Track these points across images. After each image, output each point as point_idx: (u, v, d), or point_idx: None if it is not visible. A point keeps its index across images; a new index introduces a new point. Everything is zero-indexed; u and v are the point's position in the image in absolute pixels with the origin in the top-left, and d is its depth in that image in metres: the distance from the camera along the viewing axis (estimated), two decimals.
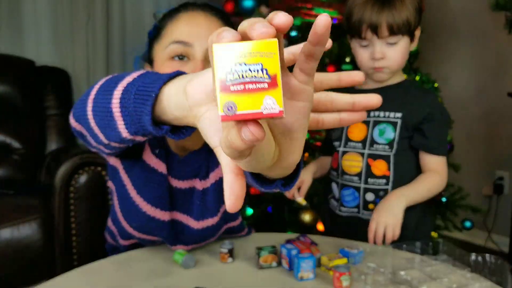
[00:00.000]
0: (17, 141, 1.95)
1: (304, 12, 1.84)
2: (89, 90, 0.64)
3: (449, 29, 2.71)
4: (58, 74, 2.22)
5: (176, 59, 0.83)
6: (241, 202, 0.38)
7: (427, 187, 1.09)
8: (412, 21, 1.05)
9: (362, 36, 1.07)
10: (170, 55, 0.83)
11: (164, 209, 0.90)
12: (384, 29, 1.04)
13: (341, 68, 1.85)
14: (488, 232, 2.61)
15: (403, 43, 1.07)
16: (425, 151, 1.10)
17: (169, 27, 0.85)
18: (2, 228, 1.51)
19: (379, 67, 1.09)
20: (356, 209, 1.13)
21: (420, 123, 1.09)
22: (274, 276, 0.86)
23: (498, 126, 2.58)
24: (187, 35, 0.82)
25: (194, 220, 0.94)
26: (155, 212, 0.90)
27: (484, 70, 2.61)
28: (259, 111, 0.31)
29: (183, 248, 0.95)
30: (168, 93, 0.46)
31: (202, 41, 0.82)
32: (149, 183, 0.89)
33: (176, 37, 0.82)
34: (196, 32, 0.82)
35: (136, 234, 0.94)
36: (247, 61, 0.30)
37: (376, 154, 1.10)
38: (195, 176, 0.94)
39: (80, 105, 0.66)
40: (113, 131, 0.57)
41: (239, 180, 0.39)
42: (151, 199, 0.90)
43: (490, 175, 2.63)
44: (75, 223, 1.64)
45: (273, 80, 0.31)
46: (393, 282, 0.81)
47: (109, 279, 0.85)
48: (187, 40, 0.82)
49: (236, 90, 0.31)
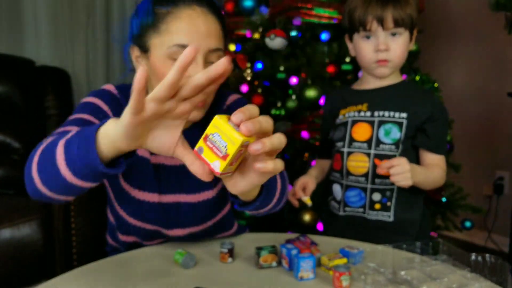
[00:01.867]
0: (17, 141, 1.95)
1: (304, 12, 1.84)
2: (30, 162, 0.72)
3: (449, 29, 2.71)
4: (58, 74, 2.22)
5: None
6: (210, 173, 0.55)
7: (432, 175, 1.10)
8: (414, 17, 1.08)
9: (367, 28, 1.08)
10: (172, 56, 0.84)
11: (152, 190, 0.93)
12: (389, 20, 1.06)
13: (341, 68, 1.85)
14: (488, 232, 2.61)
15: (405, 37, 1.10)
16: (427, 150, 1.11)
17: (169, 23, 0.84)
18: (2, 228, 1.51)
19: (382, 60, 1.09)
20: (362, 209, 1.13)
21: (423, 123, 1.10)
22: (274, 276, 0.86)
23: (498, 126, 2.58)
24: (189, 38, 0.84)
25: (190, 195, 0.96)
26: (143, 195, 0.94)
27: (484, 70, 2.62)
28: (210, 163, 0.54)
29: (180, 231, 0.96)
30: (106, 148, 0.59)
31: (202, 44, 0.84)
32: (132, 168, 0.92)
33: (178, 40, 0.84)
34: (197, 35, 0.84)
35: (132, 221, 0.97)
36: (223, 137, 0.52)
37: (383, 154, 1.10)
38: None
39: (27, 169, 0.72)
40: (55, 180, 0.66)
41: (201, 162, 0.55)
42: (137, 182, 0.94)
43: (490, 175, 2.64)
44: (75, 223, 1.64)
45: (225, 156, 0.52)
46: (393, 282, 0.80)
47: (109, 279, 0.85)
48: (190, 44, 0.81)
49: (208, 145, 0.54)
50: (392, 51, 1.09)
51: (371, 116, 1.13)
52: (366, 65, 1.13)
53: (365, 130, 1.13)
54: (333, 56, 1.82)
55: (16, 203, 1.62)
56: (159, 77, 0.85)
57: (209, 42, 0.85)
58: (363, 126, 1.13)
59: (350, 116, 1.17)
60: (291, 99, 1.82)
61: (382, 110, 1.12)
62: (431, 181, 1.10)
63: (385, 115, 1.12)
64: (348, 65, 1.84)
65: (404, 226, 1.12)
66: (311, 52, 1.84)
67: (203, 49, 0.84)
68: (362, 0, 1.09)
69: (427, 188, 1.12)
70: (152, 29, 0.86)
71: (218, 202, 1.01)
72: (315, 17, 1.83)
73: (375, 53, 1.09)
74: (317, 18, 1.83)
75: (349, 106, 1.18)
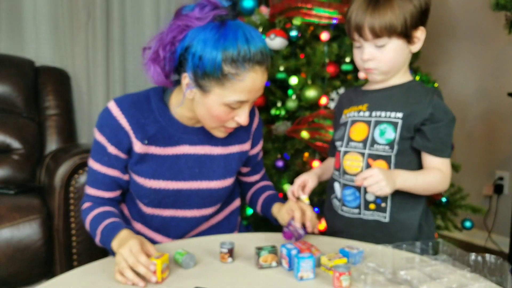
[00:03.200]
0: (17, 141, 1.95)
1: (304, 12, 1.84)
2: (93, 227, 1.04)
3: (449, 29, 2.71)
4: (58, 74, 2.22)
5: (232, 107, 0.99)
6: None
7: (426, 180, 1.08)
8: (398, 23, 1.04)
9: (352, 38, 1.11)
10: (230, 106, 0.98)
11: (165, 178, 1.06)
12: (366, 32, 1.05)
13: (341, 68, 1.85)
14: (488, 232, 2.61)
15: (393, 45, 1.07)
16: (428, 153, 1.09)
17: (235, 83, 0.95)
18: (2, 228, 1.51)
19: (368, 68, 1.10)
20: (358, 209, 1.13)
21: (421, 124, 1.08)
22: (274, 276, 0.86)
23: (498, 126, 2.58)
24: (247, 95, 0.98)
25: (216, 181, 1.12)
26: (158, 183, 1.07)
27: (484, 70, 2.62)
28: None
29: (196, 212, 1.13)
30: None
31: (255, 96, 1.00)
32: (144, 163, 1.06)
33: (239, 98, 0.97)
34: (254, 92, 0.99)
35: (149, 211, 1.12)
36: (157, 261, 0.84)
37: (376, 154, 1.10)
38: (209, 143, 1.11)
39: (83, 223, 1.09)
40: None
41: None
42: (150, 174, 1.06)
43: (490, 175, 2.64)
44: (75, 223, 1.64)
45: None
46: (393, 282, 0.81)
47: (109, 279, 0.85)
48: (247, 99, 0.98)
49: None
50: (378, 60, 1.08)
51: (369, 116, 1.13)
52: (360, 70, 1.15)
53: (362, 130, 1.13)
54: (333, 56, 1.82)
55: (16, 203, 1.62)
56: (211, 113, 0.99)
57: (260, 92, 1.01)
58: (360, 126, 1.13)
59: (350, 116, 1.17)
60: (291, 99, 1.82)
61: (379, 110, 1.12)
62: (425, 186, 1.09)
63: (381, 115, 1.11)
64: (348, 65, 1.84)
65: (402, 227, 1.12)
66: (311, 52, 1.84)
67: (253, 99, 1.00)
68: (351, 6, 1.10)
69: (423, 193, 1.11)
70: (216, 81, 0.95)
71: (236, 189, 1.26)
72: (315, 17, 1.83)
73: (363, 62, 1.11)
74: (317, 18, 1.83)
75: (351, 106, 1.18)
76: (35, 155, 2.00)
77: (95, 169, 1.08)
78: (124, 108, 1.03)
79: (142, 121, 1.04)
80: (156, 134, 1.05)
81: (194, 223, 1.16)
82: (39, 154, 2.03)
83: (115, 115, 1.03)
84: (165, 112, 1.07)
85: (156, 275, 0.83)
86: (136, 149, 1.04)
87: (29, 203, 1.63)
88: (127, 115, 1.03)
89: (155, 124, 1.05)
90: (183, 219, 1.13)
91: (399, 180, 1.04)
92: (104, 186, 1.08)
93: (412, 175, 1.07)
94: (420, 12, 1.07)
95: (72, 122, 2.19)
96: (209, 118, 1.01)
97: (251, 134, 1.19)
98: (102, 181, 1.08)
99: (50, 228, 1.60)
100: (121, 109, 1.03)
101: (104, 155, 1.05)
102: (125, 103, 1.04)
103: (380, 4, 1.04)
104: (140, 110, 1.04)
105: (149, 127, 1.04)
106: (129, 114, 1.03)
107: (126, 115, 1.03)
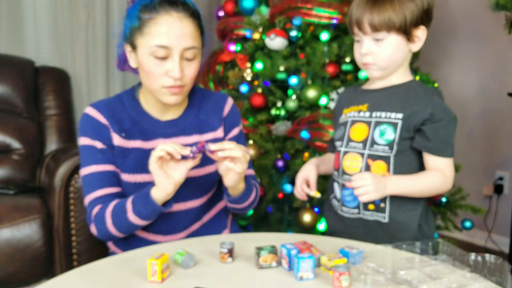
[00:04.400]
0: (17, 141, 1.95)
1: (304, 12, 1.84)
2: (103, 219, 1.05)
3: (449, 29, 2.71)
4: (58, 74, 2.22)
5: (158, 57, 1.03)
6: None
7: (423, 183, 1.08)
8: (398, 19, 1.05)
9: (352, 32, 1.12)
10: (153, 54, 1.02)
11: (148, 172, 1.02)
12: (365, 25, 1.07)
13: (341, 68, 1.85)
14: (488, 232, 2.61)
15: (392, 41, 1.07)
16: (428, 153, 1.09)
17: (151, 27, 1.02)
18: (2, 228, 1.51)
19: (366, 63, 1.11)
20: (357, 209, 1.13)
21: (421, 124, 1.08)
22: (274, 276, 0.86)
23: (498, 126, 2.58)
24: (166, 39, 1.01)
25: (197, 169, 1.11)
26: (142, 177, 1.09)
27: (484, 70, 2.62)
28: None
29: (182, 204, 1.13)
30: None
31: (178, 43, 1.02)
32: (126, 158, 1.09)
33: (158, 41, 1.01)
34: (173, 36, 1.02)
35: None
36: None
37: (376, 154, 1.10)
38: (183, 133, 1.14)
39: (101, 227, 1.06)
40: (130, 228, 1.06)
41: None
42: (132, 169, 1.09)
43: (490, 175, 2.64)
44: (75, 223, 1.64)
45: None
46: (393, 282, 0.81)
47: (109, 279, 0.85)
48: (167, 44, 1.01)
49: None
50: (376, 54, 1.09)
51: (369, 117, 1.13)
52: (359, 66, 1.16)
53: (362, 130, 1.13)
54: (333, 56, 1.82)
55: (16, 203, 1.62)
56: (144, 70, 1.05)
57: (183, 41, 1.02)
58: (361, 126, 1.13)
59: (350, 116, 1.17)
60: (291, 99, 1.82)
61: (379, 110, 1.12)
62: (424, 190, 1.09)
63: (381, 116, 1.11)
64: (348, 65, 1.84)
65: (401, 227, 1.12)
66: (311, 52, 1.84)
67: (178, 48, 1.02)
68: (352, 5, 1.11)
69: (422, 196, 1.11)
70: (138, 31, 1.04)
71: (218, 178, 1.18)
72: (315, 17, 1.83)
73: (361, 56, 1.11)
74: (317, 18, 1.83)
75: (351, 106, 1.18)
76: (35, 155, 2.00)
77: (92, 172, 1.08)
78: (100, 107, 1.11)
79: (118, 116, 1.11)
80: (132, 128, 1.11)
81: (185, 219, 1.15)
82: (39, 154, 2.03)
83: (92, 115, 1.10)
84: (137, 107, 1.13)
85: (156, 275, 0.83)
86: (116, 142, 1.09)
87: (29, 203, 1.64)
88: (103, 112, 1.10)
89: (129, 119, 1.12)
90: (172, 214, 1.13)
91: (391, 186, 1.05)
92: (107, 182, 1.08)
93: (409, 179, 1.07)
94: (421, 11, 1.07)
95: (72, 122, 2.19)
96: (147, 79, 1.06)
97: (222, 120, 1.20)
98: (103, 178, 1.08)
99: (50, 228, 1.60)
100: (97, 109, 1.10)
101: (96, 154, 1.08)
102: (100, 104, 1.12)
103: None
104: (114, 108, 1.12)
105: (124, 122, 1.11)
106: (105, 111, 1.10)
107: (102, 113, 1.10)
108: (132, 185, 1.09)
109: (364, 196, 1.01)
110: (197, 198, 1.16)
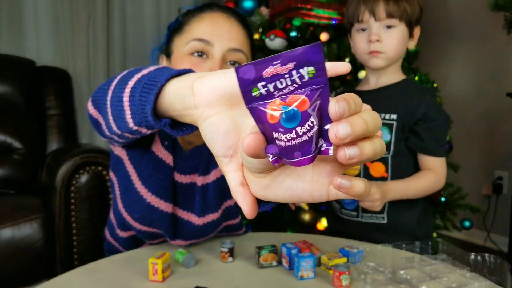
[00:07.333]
0: (17, 141, 1.96)
1: (304, 13, 1.84)
2: (112, 79, 0.66)
3: (448, 29, 2.71)
4: (58, 74, 2.23)
5: (195, 55, 0.86)
6: (255, 206, 0.42)
7: (418, 185, 1.10)
8: (410, 11, 1.08)
9: (359, 19, 1.10)
10: (190, 51, 0.86)
11: (168, 200, 0.92)
12: (381, 11, 1.07)
13: None
14: (487, 231, 2.62)
15: (400, 31, 1.09)
16: (422, 152, 1.10)
17: (192, 24, 0.88)
18: (3, 228, 1.51)
19: (374, 51, 1.09)
20: (355, 212, 1.14)
21: (414, 124, 1.08)
22: (274, 275, 0.86)
23: (497, 126, 2.59)
24: (209, 34, 0.85)
25: (196, 216, 0.95)
26: (159, 203, 0.92)
27: (483, 70, 2.62)
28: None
29: (182, 242, 0.96)
30: (175, 86, 0.47)
31: (222, 41, 0.86)
32: (155, 174, 0.91)
33: (198, 35, 0.86)
34: (217, 32, 0.86)
35: (137, 225, 0.95)
36: None
37: None
38: (195, 171, 0.96)
39: (100, 93, 0.69)
40: (122, 122, 0.59)
41: (248, 189, 0.42)
42: (156, 189, 0.91)
43: (489, 175, 2.64)
44: (76, 223, 1.64)
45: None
46: (393, 281, 0.81)
47: (110, 279, 0.85)
48: (209, 38, 0.85)
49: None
50: (384, 42, 1.08)
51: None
52: (360, 57, 1.14)
53: None
54: (333, 56, 1.83)
55: (17, 202, 1.63)
56: None
57: (229, 42, 0.86)
58: None
59: None
60: None
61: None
62: (418, 191, 1.10)
63: None
64: None
65: (401, 228, 1.13)
66: None
67: (221, 47, 0.85)
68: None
69: (417, 197, 1.12)
70: (177, 33, 0.90)
71: (222, 220, 1.01)
72: (315, 17, 1.84)
73: (368, 44, 1.09)
74: (316, 18, 1.84)
75: None
76: (36, 155, 2.00)
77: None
78: None
79: None
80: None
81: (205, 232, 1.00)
82: (40, 154, 2.03)
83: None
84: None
85: (157, 274, 0.83)
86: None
87: (30, 203, 1.64)
88: None
89: None
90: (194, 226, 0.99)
91: (390, 195, 1.06)
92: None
93: (403, 184, 1.09)
94: (421, 11, 1.11)
95: (73, 122, 2.19)
96: None
97: None
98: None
99: (51, 228, 1.61)
100: None
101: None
102: None
103: None
104: None
105: None
106: None
107: None
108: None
109: (371, 208, 1.03)
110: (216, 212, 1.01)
